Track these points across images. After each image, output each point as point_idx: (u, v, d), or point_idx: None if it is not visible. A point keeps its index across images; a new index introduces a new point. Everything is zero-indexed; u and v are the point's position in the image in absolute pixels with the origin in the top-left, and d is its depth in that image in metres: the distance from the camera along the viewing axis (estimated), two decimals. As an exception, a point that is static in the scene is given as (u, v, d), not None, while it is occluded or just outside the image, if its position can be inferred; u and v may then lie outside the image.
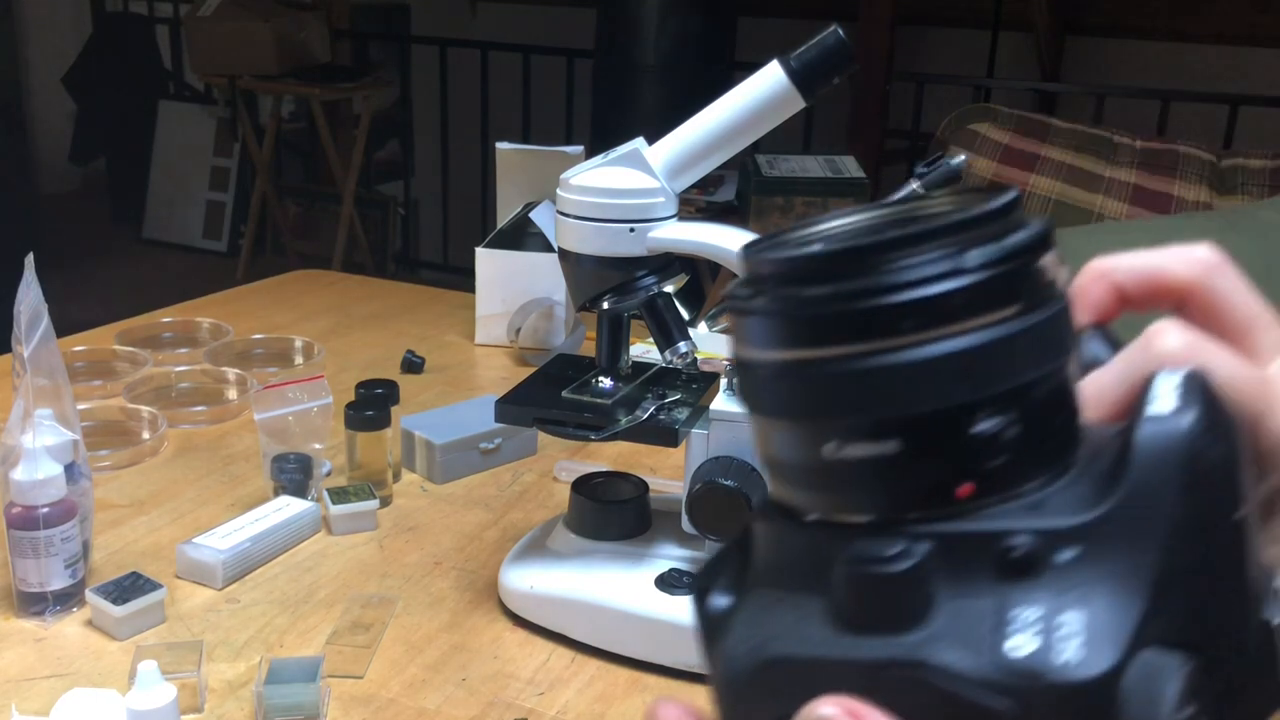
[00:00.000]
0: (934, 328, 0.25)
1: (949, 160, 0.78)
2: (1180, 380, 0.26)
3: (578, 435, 0.86)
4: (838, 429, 0.26)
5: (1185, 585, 0.25)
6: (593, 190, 0.82)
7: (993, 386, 0.25)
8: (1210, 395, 0.26)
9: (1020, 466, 0.26)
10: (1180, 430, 0.25)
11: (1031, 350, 0.25)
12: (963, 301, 0.25)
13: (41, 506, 0.84)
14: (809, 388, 0.26)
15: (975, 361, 0.25)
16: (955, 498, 0.25)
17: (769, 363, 0.26)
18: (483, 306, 1.47)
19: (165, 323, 1.49)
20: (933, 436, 0.25)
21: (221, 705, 0.78)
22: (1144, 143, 2.31)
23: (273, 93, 4.15)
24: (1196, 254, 0.32)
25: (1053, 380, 0.26)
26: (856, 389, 0.25)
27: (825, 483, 0.27)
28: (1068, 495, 0.26)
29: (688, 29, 3.03)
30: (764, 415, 0.27)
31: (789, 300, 0.26)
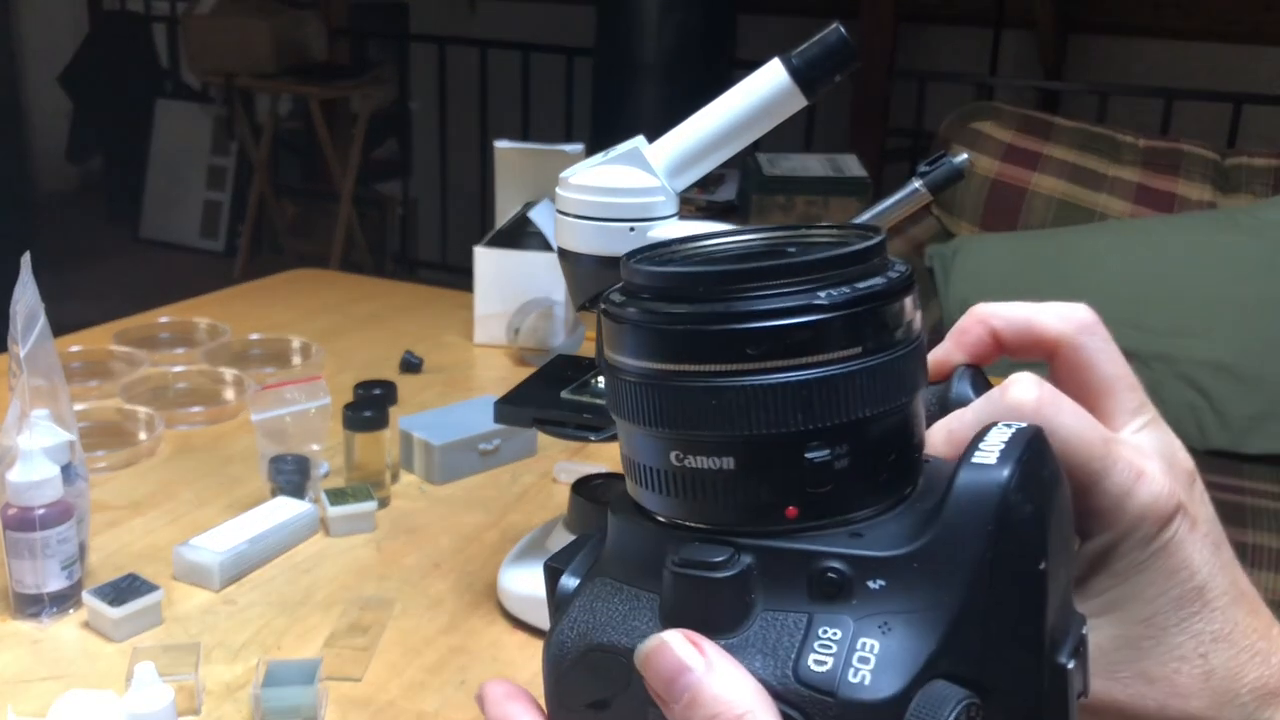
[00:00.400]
0: (778, 358, 0.26)
1: (951, 159, 0.77)
2: (1010, 434, 0.28)
3: (577, 436, 0.85)
4: (682, 440, 0.28)
5: (981, 624, 0.27)
6: (592, 189, 0.82)
7: (827, 419, 0.27)
8: (1034, 452, 0.28)
9: (848, 495, 0.28)
10: (995, 482, 0.27)
11: (869, 390, 0.27)
12: (808, 338, 0.26)
13: (38, 508, 0.84)
14: (660, 398, 0.27)
15: (813, 394, 0.27)
16: (784, 517, 0.27)
17: (629, 369, 0.28)
18: (481, 306, 1.46)
19: (162, 323, 1.48)
20: (766, 459, 0.27)
21: (219, 707, 0.78)
22: (1147, 141, 2.31)
23: (270, 91, 4.15)
24: (1072, 312, 0.34)
25: (889, 419, 0.28)
26: (701, 406, 0.27)
27: (669, 488, 0.28)
28: (889, 527, 0.27)
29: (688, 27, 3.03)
30: (621, 417, 0.29)
31: (651, 314, 0.27)
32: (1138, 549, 0.32)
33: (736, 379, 0.27)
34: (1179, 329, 1.95)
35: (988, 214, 2.31)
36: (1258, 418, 1.90)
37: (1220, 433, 1.92)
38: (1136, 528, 0.31)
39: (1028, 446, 0.28)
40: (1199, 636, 0.32)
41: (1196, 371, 1.93)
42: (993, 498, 0.27)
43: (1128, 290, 2.02)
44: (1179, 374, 1.93)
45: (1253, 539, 1.63)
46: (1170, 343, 1.94)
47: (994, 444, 0.28)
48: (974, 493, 0.27)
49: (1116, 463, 0.31)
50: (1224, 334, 1.93)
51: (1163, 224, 2.14)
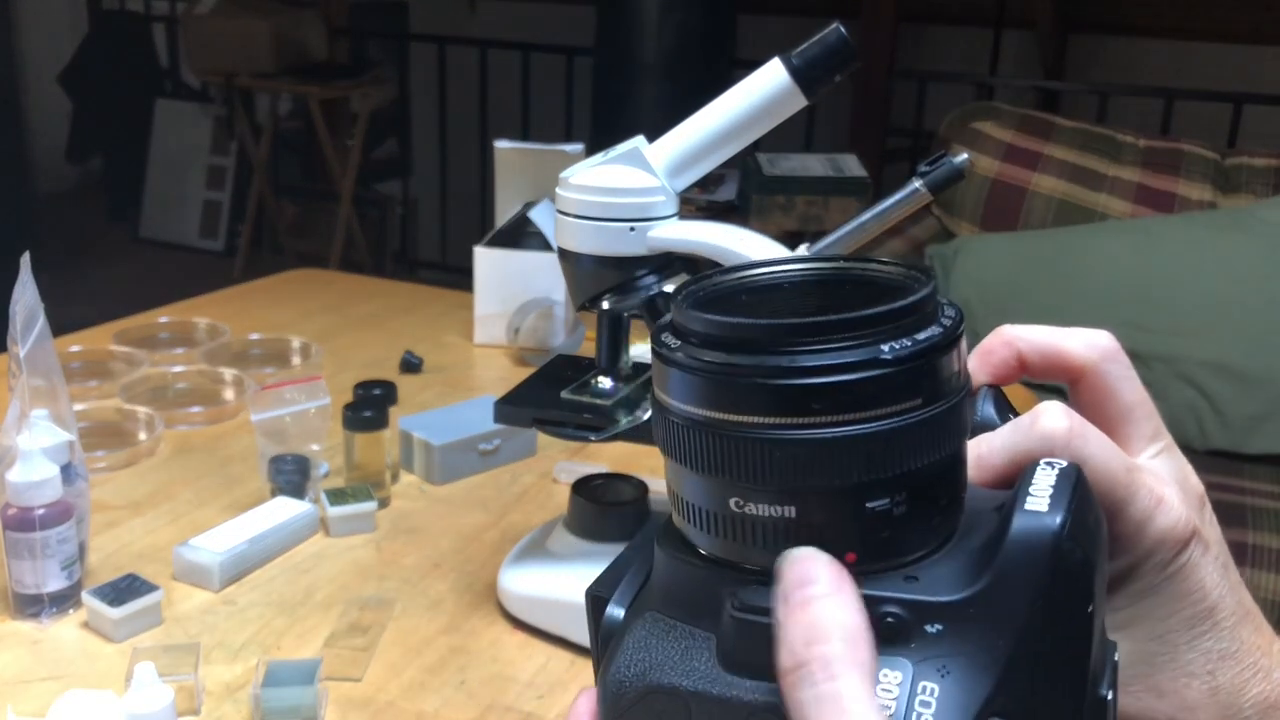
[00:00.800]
0: (841, 413, 0.27)
1: (952, 159, 0.77)
2: (1056, 477, 0.29)
3: (577, 436, 0.85)
4: (742, 489, 0.28)
5: (1032, 667, 0.27)
6: (593, 189, 0.82)
7: (887, 470, 0.27)
8: (1080, 496, 0.28)
9: (904, 540, 0.28)
10: (1049, 530, 0.27)
11: (928, 440, 0.28)
12: (871, 392, 0.27)
13: (37, 508, 0.84)
14: (720, 447, 0.28)
15: (874, 447, 0.27)
16: (842, 562, 0.27)
17: (686, 415, 0.28)
18: (481, 306, 1.46)
19: (162, 323, 1.48)
20: (827, 508, 0.28)
21: (219, 708, 0.78)
22: (1148, 141, 2.31)
23: (270, 91, 4.14)
24: (1097, 340, 0.35)
25: (943, 464, 0.29)
26: (764, 457, 0.27)
27: (725, 531, 0.29)
28: (943, 570, 0.28)
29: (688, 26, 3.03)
30: (672, 459, 0.29)
31: (710, 364, 0.28)
32: (1154, 572, 0.33)
33: (800, 432, 0.27)
34: (1179, 329, 1.95)
35: (988, 214, 2.31)
36: (1258, 418, 1.90)
37: (1220, 433, 1.92)
38: (1155, 552, 0.32)
39: (1075, 491, 0.28)
40: (1208, 654, 0.33)
41: (1196, 371, 1.93)
42: (1047, 546, 0.27)
43: (1128, 290, 2.02)
44: (1179, 374, 1.93)
45: (1253, 539, 1.63)
46: (1170, 343, 1.94)
47: (1043, 488, 0.28)
48: (1029, 540, 0.27)
49: (1138, 490, 0.32)
50: (1224, 334, 1.93)
51: (1163, 224, 2.13)
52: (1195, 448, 1.93)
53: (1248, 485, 1.81)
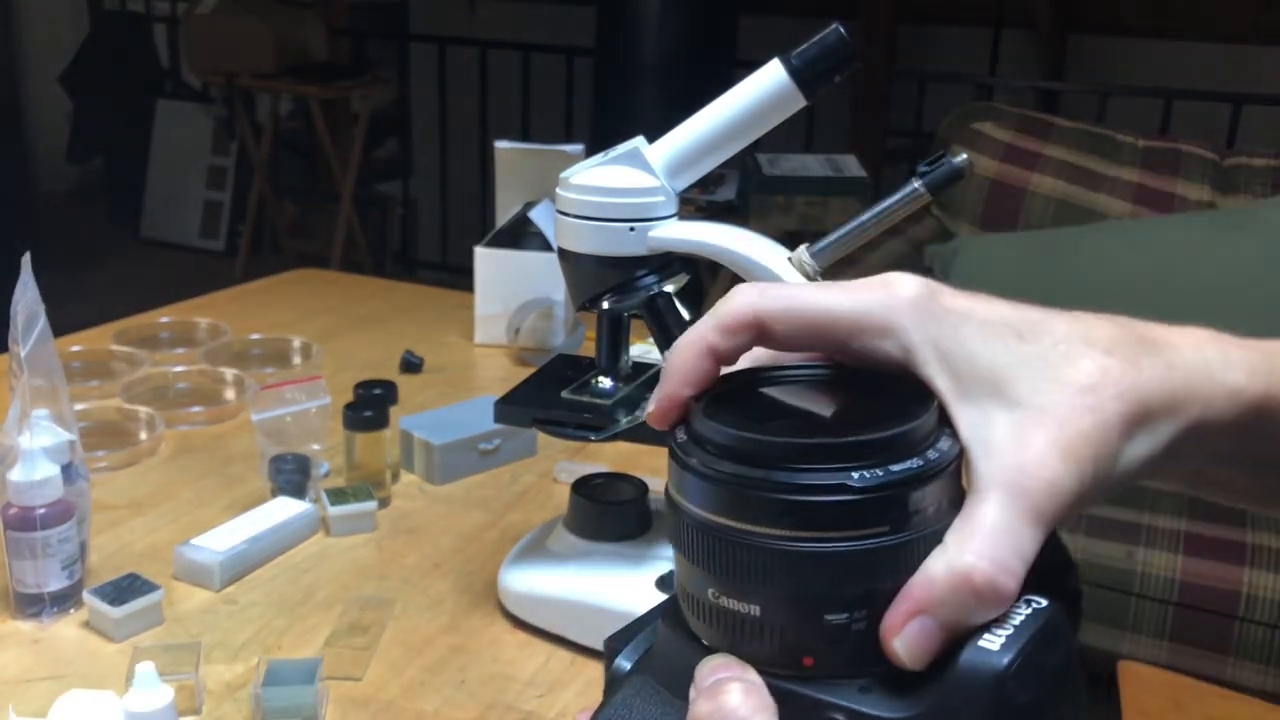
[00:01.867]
0: (805, 530, 0.29)
1: (951, 159, 0.77)
2: (1026, 616, 0.30)
3: (577, 436, 0.85)
4: (716, 581, 0.31)
5: None
6: (592, 189, 0.82)
7: (848, 589, 0.30)
8: (1043, 639, 0.29)
9: (862, 652, 0.30)
10: (993, 668, 0.28)
11: (890, 566, 0.30)
12: (837, 515, 0.29)
13: (38, 507, 0.84)
14: (706, 542, 0.31)
15: (836, 566, 0.29)
16: (801, 664, 0.30)
17: (684, 509, 0.32)
18: (482, 306, 1.46)
19: (162, 323, 1.48)
20: (788, 613, 0.30)
21: (219, 707, 0.78)
22: (1146, 142, 2.31)
23: (270, 91, 4.14)
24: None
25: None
26: (737, 558, 0.30)
27: (706, 617, 0.32)
28: (892, 687, 0.30)
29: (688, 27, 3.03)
30: (675, 548, 0.33)
31: (706, 467, 0.31)
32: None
33: (767, 541, 0.30)
34: (1179, 329, 1.95)
35: (988, 214, 2.31)
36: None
37: (1220, 433, 1.92)
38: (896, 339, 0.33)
39: (1039, 633, 0.29)
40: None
41: (1196, 371, 1.92)
42: (989, 684, 0.28)
43: (1126, 290, 2.02)
44: (1179, 374, 1.93)
45: (1252, 539, 1.63)
46: (1170, 343, 1.94)
47: (1005, 627, 0.29)
48: (973, 675, 0.29)
49: (851, 319, 0.34)
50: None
51: (1162, 224, 2.13)
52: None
53: (1247, 485, 1.81)
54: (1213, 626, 1.56)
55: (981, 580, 0.29)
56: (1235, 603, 1.56)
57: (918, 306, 0.33)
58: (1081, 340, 0.33)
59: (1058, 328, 0.34)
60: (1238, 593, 1.57)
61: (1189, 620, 1.58)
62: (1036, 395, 0.32)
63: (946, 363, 0.33)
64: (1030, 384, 0.32)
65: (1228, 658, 1.57)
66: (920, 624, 0.30)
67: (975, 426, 0.32)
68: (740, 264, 0.80)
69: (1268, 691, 1.54)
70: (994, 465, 0.31)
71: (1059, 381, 0.32)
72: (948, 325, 0.33)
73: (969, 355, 0.33)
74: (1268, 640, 1.55)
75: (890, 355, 0.33)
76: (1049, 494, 0.31)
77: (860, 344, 0.33)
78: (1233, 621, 1.56)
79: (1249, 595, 1.56)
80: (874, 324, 0.33)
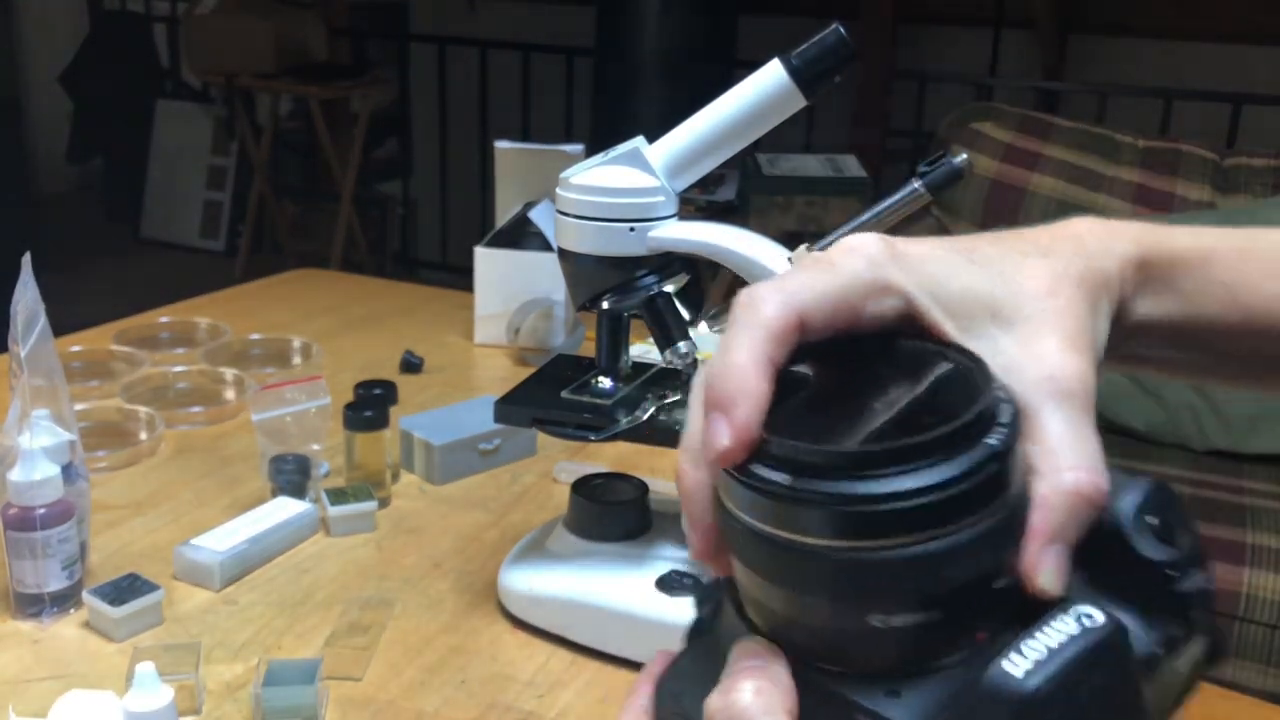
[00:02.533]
0: (840, 538, 0.29)
1: (951, 159, 0.77)
2: (1071, 635, 0.28)
3: (577, 436, 0.85)
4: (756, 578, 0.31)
5: None
6: (592, 189, 0.82)
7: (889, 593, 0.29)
8: (1082, 662, 0.28)
9: (900, 653, 0.29)
10: (1017, 693, 0.27)
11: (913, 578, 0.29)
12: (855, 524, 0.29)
13: (38, 507, 0.84)
14: (743, 538, 0.31)
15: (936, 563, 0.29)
16: (816, 667, 0.30)
17: (732, 514, 0.31)
18: (482, 306, 1.46)
19: (162, 323, 1.48)
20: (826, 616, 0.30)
21: (219, 707, 0.78)
22: (1146, 142, 2.31)
23: (270, 91, 4.14)
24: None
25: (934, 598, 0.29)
26: (759, 553, 0.30)
27: (754, 610, 0.32)
28: (926, 692, 0.29)
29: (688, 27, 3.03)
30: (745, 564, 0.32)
31: (753, 476, 0.30)
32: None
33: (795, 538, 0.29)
34: (1179, 329, 1.95)
35: (988, 214, 2.31)
36: (1258, 418, 1.90)
37: (1220, 433, 1.92)
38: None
39: (1078, 656, 0.28)
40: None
41: (1196, 372, 1.93)
42: (1008, 712, 0.27)
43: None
44: (1179, 374, 1.93)
45: (1252, 539, 1.63)
46: (1170, 343, 1.94)
47: (1039, 647, 0.28)
48: (994, 699, 0.27)
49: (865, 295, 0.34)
50: (1223, 334, 1.93)
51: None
52: (1194, 448, 1.93)
53: (1246, 485, 1.81)
54: (1213, 626, 1.56)
55: (1089, 489, 0.31)
56: (1235, 603, 1.56)
57: (894, 260, 0.34)
58: (1015, 253, 0.37)
59: (985, 247, 0.37)
60: (1238, 593, 1.57)
61: (1189, 620, 1.58)
62: (1021, 309, 0.35)
63: (940, 303, 0.34)
64: (1009, 301, 0.35)
65: (1228, 658, 1.57)
66: (1055, 551, 0.30)
67: (992, 355, 0.33)
68: (740, 264, 0.80)
69: (1268, 691, 1.54)
70: (1029, 382, 0.33)
71: (1027, 292, 0.35)
72: (923, 271, 0.35)
73: (951, 292, 0.35)
74: (1268, 640, 1.55)
75: (894, 310, 0.34)
76: (1084, 388, 0.33)
77: (869, 308, 0.34)
78: (1233, 621, 1.56)
79: (1249, 595, 1.56)
80: (876, 285, 0.34)
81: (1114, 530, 0.31)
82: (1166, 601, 0.31)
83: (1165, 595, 0.31)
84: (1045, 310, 0.35)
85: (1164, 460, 1.90)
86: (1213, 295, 0.41)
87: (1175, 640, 0.31)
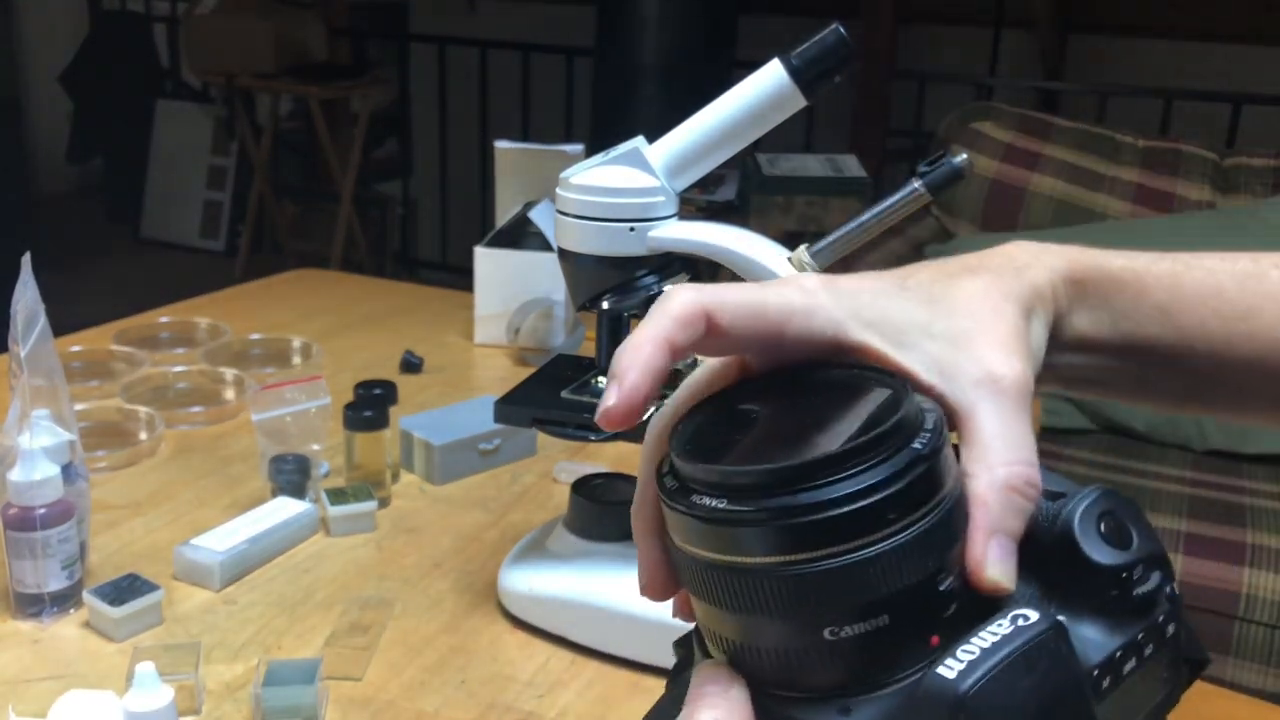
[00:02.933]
0: (793, 552, 0.29)
1: (951, 159, 0.77)
2: (1001, 636, 0.28)
3: (577, 436, 0.85)
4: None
5: None
6: (592, 189, 0.82)
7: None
8: (1019, 662, 0.28)
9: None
10: (951, 695, 0.27)
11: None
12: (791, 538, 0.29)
13: (38, 507, 0.84)
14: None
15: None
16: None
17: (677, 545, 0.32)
18: (482, 306, 1.46)
19: (162, 323, 1.48)
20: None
21: (219, 707, 0.78)
22: (1146, 142, 2.31)
23: (270, 91, 4.14)
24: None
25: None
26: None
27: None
28: (871, 705, 0.29)
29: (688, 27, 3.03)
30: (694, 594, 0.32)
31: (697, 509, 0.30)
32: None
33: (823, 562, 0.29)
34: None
35: (988, 214, 2.31)
36: (1257, 418, 1.90)
37: (1220, 433, 1.92)
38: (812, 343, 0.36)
39: (1012, 656, 0.28)
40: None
41: (1196, 371, 1.93)
42: (945, 712, 0.27)
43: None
44: (1178, 374, 1.93)
45: (1252, 539, 1.63)
46: (1170, 343, 1.94)
47: (974, 649, 0.28)
48: (929, 703, 0.28)
49: (772, 305, 0.35)
50: (1223, 334, 1.93)
51: (1162, 224, 2.13)
52: (1194, 448, 1.93)
53: (1246, 485, 1.81)
54: (1212, 626, 1.56)
55: (1020, 481, 0.32)
56: (1235, 603, 1.56)
57: (826, 289, 0.36)
58: (944, 275, 0.38)
59: (919, 274, 0.38)
60: (1237, 593, 1.57)
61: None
62: (952, 321, 0.36)
63: (872, 325, 0.35)
64: (942, 318, 0.36)
65: (1227, 658, 1.57)
66: (998, 544, 0.31)
67: (926, 366, 0.35)
68: (740, 264, 0.80)
69: (1267, 691, 1.54)
70: (964, 383, 0.34)
71: (959, 307, 0.37)
72: (856, 300, 0.36)
73: (884, 313, 0.36)
74: (1268, 640, 1.55)
75: (821, 334, 0.35)
76: (1018, 388, 0.34)
77: (794, 329, 0.35)
78: (1232, 621, 1.56)
79: (1249, 595, 1.56)
80: (802, 307, 0.35)
81: (1066, 538, 0.31)
82: (1125, 605, 0.31)
83: (1123, 599, 0.31)
84: (978, 318, 0.36)
85: (1164, 460, 1.90)
86: (1148, 316, 0.42)
87: (1140, 644, 0.31)
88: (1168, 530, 1.66)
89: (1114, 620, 0.31)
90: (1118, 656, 0.30)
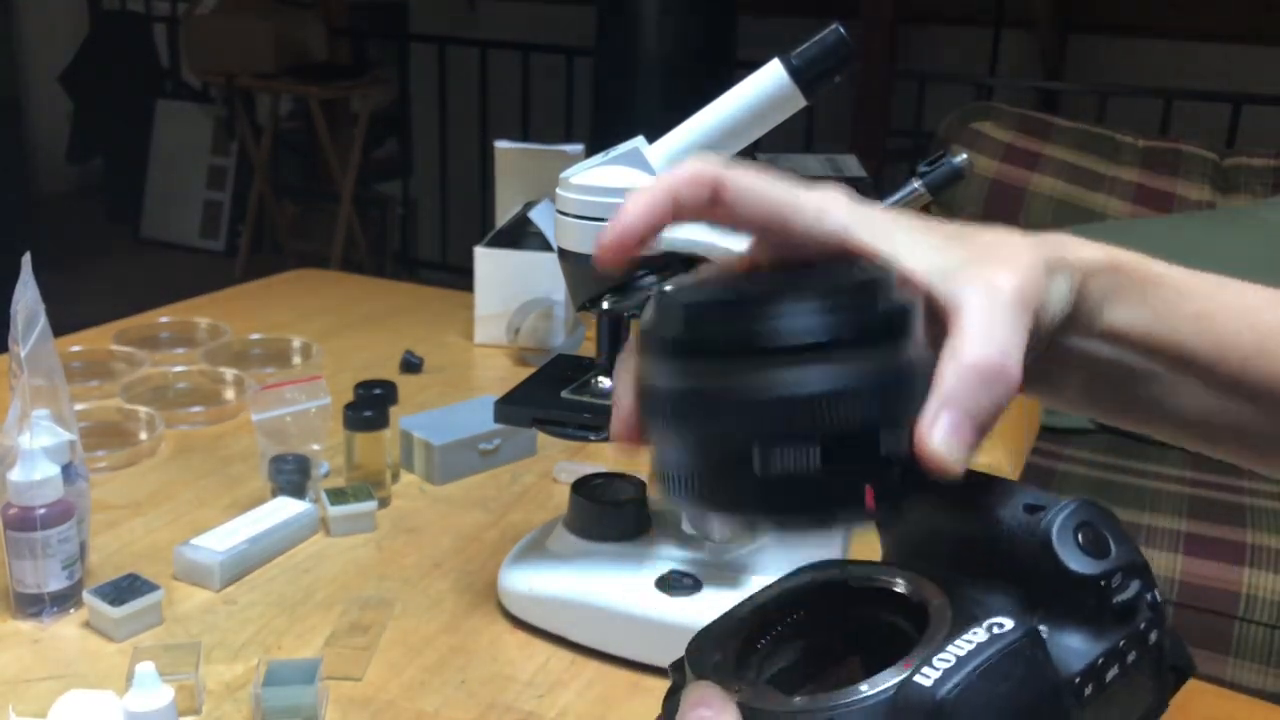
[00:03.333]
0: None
1: (951, 159, 0.77)
2: (977, 644, 0.29)
3: (577, 436, 0.85)
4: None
5: None
6: (592, 189, 0.82)
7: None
8: (997, 666, 0.28)
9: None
10: (928, 702, 0.28)
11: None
12: None
13: (38, 507, 0.84)
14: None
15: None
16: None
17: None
18: (482, 306, 1.46)
19: (162, 323, 1.48)
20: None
21: (219, 707, 0.78)
22: (1146, 141, 2.31)
23: (270, 91, 4.15)
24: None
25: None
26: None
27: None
28: (854, 713, 0.29)
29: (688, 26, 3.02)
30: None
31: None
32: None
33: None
34: (1178, 329, 1.95)
35: (988, 214, 2.31)
36: (1257, 418, 1.90)
37: (1220, 433, 1.92)
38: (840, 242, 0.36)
39: (988, 663, 0.28)
40: None
41: (1196, 371, 1.93)
42: (921, 719, 0.28)
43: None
44: (1178, 374, 1.93)
45: (1252, 539, 1.63)
46: (1170, 343, 1.94)
47: (950, 657, 0.28)
48: (908, 708, 0.28)
49: (802, 204, 0.36)
50: (1223, 334, 1.93)
51: (1162, 224, 2.13)
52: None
53: (1247, 485, 1.81)
54: (1212, 626, 1.56)
55: (986, 364, 0.32)
56: (1235, 603, 1.56)
57: (846, 198, 0.36)
58: (975, 229, 0.38)
59: (947, 227, 0.38)
60: (1237, 593, 1.57)
61: (1188, 620, 1.58)
62: (967, 249, 0.36)
63: (882, 236, 0.35)
64: (957, 247, 0.36)
65: (1227, 658, 1.57)
66: (949, 418, 0.31)
67: (925, 270, 0.35)
68: (740, 264, 0.80)
69: (1267, 691, 1.54)
70: (963, 282, 0.34)
71: (978, 242, 0.37)
72: (873, 214, 0.36)
73: (897, 228, 0.36)
74: (1267, 640, 1.55)
75: (828, 233, 0.35)
76: (1016, 295, 0.34)
77: (801, 224, 0.35)
78: (1232, 621, 1.56)
79: (1249, 595, 1.56)
80: (812, 204, 0.35)
81: (1045, 549, 0.32)
82: (1106, 613, 0.31)
83: (1103, 608, 0.31)
84: (995, 250, 0.36)
85: (1164, 460, 1.90)
86: (1185, 319, 0.41)
87: (1122, 651, 0.31)
88: (1168, 530, 1.66)
89: (1096, 628, 0.31)
90: (1100, 663, 0.30)
